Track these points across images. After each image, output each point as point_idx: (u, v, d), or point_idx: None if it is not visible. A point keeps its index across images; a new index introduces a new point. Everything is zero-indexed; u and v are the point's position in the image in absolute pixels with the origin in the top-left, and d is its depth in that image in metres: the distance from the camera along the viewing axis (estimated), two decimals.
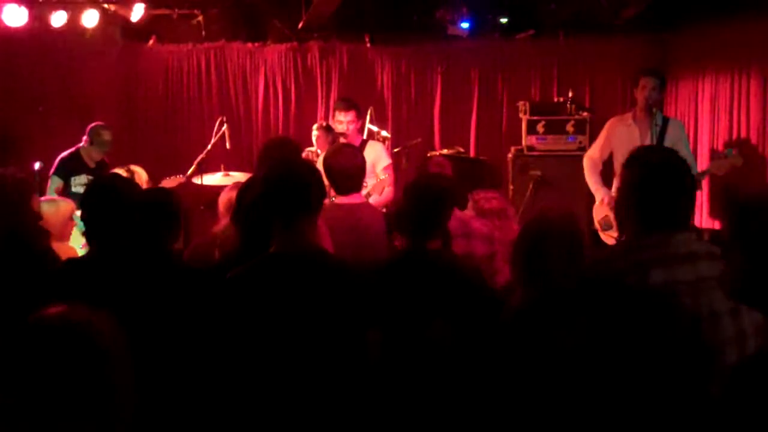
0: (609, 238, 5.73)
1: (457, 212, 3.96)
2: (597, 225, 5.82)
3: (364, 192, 4.36)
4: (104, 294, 2.65)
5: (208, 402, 2.61)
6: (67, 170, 6.02)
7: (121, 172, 5.15)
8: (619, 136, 5.71)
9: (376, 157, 5.61)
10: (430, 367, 2.86)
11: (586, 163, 5.94)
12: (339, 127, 5.56)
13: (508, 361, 2.56)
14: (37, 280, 2.93)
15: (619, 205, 2.53)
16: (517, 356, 2.54)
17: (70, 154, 6.11)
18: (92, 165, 6.09)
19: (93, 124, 6.16)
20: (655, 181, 2.38)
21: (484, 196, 4.27)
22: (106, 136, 6.08)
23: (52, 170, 6.04)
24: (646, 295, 2.10)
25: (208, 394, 2.62)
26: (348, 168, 3.80)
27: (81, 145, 6.11)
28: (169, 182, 5.76)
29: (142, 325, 2.66)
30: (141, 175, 5.32)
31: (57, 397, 1.52)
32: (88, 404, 1.54)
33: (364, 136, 6.00)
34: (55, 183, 5.98)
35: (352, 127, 5.61)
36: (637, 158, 2.50)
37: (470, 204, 4.24)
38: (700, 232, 5.50)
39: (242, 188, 3.29)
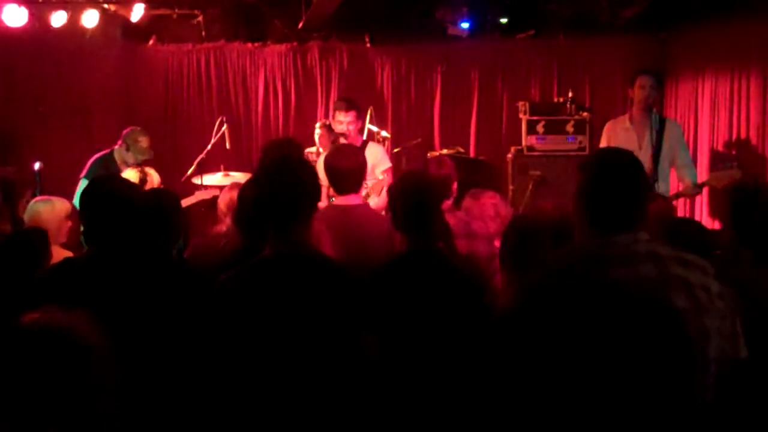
0: None
1: (458, 213, 3.97)
2: None
3: (363, 193, 4.35)
4: (101, 295, 2.65)
5: (205, 403, 2.61)
6: (98, 175, 5.42)
7: (134, 173, 5.11)
8: (617, 140, 5.65)
9: (376, 160, 5.59)
10: (430, 368, 2.86)
11: None
12: (339, 128, 5.50)
13: (497, 360, 2.55)
14: (30, 281, 2.93)
15: (574, 208, 2.51)
16: (503, 354, 2.53)
17: (104, 156, 5.79)
18: (125, 169, 5.65)
19: (129, 129, 5.83)
20: (599, 182, 2.34)
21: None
22: (144, 142, 5.75)
23: (84, 173, 5.73)
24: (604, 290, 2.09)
25: (204, 396, 2.61)
26: (349, 168, 3.79)
27: (115, 147, 5.82)
28: (202, 194, 5.61)
29: (138, 326, 2.67)
30: (153, 177, 5.26)
31: (39, 403, 1.52)
32: (71, 407, 1.54)
33: (364, 137, 5.98)
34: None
35: (352, 127, 5.54)
36: (589, 160, 2.48)
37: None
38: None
39: (243, 188, 3.29)
